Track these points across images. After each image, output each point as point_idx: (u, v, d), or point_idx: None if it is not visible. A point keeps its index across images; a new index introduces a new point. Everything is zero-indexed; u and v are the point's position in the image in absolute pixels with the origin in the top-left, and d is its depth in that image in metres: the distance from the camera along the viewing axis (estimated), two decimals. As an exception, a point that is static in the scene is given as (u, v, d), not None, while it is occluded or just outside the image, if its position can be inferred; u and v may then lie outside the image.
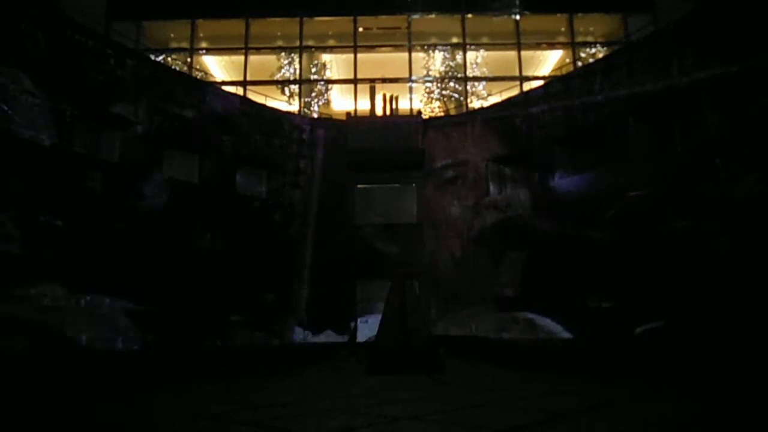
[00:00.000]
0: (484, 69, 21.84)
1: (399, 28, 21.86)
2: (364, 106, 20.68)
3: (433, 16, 21.74)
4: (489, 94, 21.04)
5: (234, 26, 21.54)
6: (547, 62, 22.87)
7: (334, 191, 16.67)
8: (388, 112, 18.74)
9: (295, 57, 21.73)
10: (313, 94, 21.73)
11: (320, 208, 16.38)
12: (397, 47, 21.91)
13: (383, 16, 21.86)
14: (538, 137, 14.49)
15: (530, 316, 13.70)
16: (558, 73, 20.86)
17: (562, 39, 22.18)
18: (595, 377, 4.81)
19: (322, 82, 21.85)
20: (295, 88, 21.63)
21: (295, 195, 16.26)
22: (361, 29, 21.80)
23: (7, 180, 9.77)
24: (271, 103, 18.66)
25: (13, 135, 9.96)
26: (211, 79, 21.34)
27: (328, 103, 21.79)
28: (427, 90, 21.66)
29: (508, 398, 3.07)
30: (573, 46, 21.74)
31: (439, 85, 21.61)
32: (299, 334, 15.49)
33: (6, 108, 9.84)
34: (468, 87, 21.47)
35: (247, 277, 13.97)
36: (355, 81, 21.43)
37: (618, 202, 11.69)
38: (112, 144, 12.26)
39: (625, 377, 4.74)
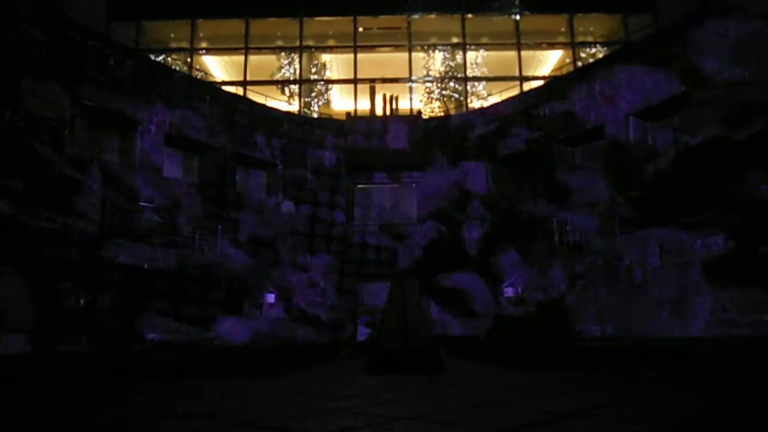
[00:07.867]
0: (484, 69, 21.82)
1: (399, 28, 21.84)
2: (364, 106, 20.65)
3: (433, 16, 21.72)
4: (489, 94, 21.02)
5: (234, 26, 21.52)
6: (547, 62, 22.84)
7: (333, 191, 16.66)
8: (388, 112, 18.71)
9: (295, 57, 21.70)
10: (313, 94, 21.72)
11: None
12: (397, 47, 21.90)
13: (383, 16, 21.85)
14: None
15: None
16: (558, 73, 20.84)
17: (562, 39, 22.16)
18: (598, 377, 4.79)
19: (322, 82, 21.84)
20: (295, 88, 21.61)
21: None
22: (361, 29, 21.78)
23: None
24: (271, 103, 18.64)
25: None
26: (211, 79, 21.32)
27: (328, 103, 21.77)
28: (427, 90, 21.64)
29: (509, 398, 3.06)
30: (573, 46, 21.72)
31: (439, 85, 21.58)
32: None
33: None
34: (468, 87, 21.45)
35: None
36: (355, 81, 21.42)
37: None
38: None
39: (629, 377, 4.74)
